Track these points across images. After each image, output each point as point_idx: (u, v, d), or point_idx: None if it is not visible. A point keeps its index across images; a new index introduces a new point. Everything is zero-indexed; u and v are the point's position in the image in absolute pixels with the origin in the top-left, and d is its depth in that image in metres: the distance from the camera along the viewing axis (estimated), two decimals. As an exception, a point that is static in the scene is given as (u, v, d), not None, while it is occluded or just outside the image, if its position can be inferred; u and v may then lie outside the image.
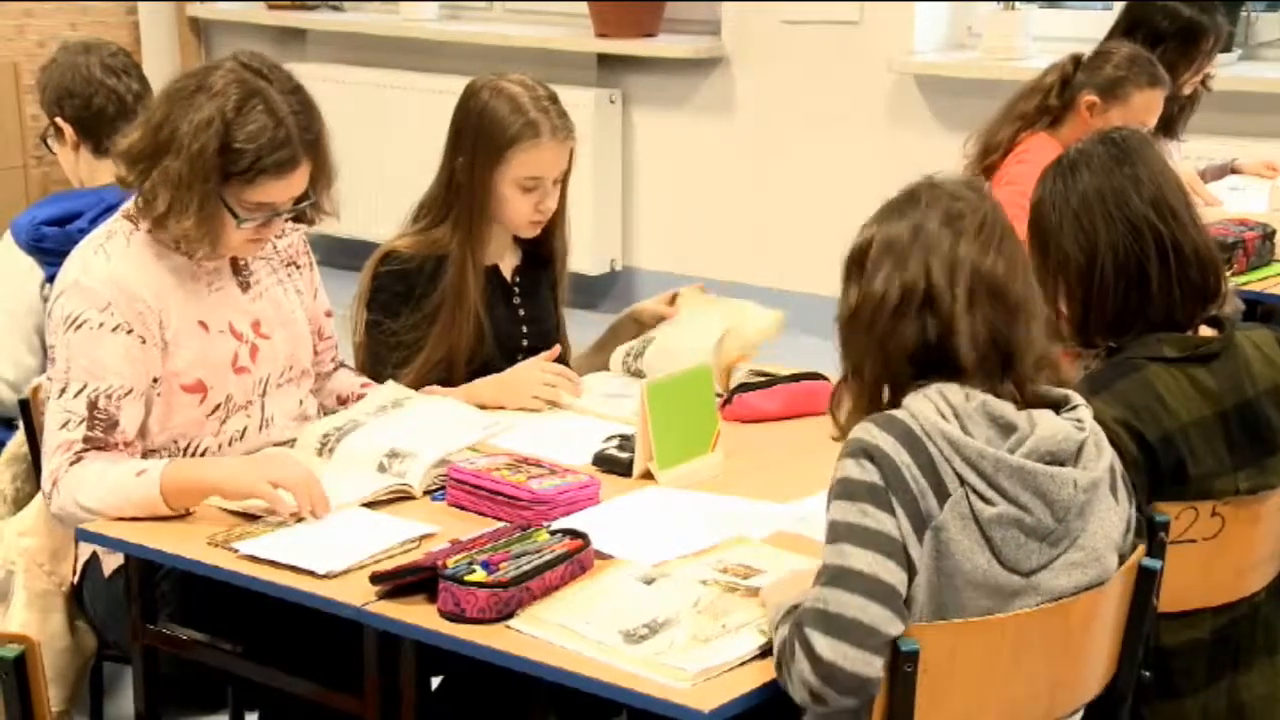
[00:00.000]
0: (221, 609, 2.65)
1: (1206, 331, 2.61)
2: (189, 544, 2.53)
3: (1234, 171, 5.03)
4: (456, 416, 2.92)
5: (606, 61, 6.71)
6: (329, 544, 2.47)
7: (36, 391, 2.99)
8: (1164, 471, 2.49)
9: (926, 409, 2.12)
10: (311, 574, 2.40)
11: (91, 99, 3.47)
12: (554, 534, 2.43)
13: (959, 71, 5.99)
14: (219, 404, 2.84)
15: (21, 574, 2.97)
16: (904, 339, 2.16)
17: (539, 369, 3.19)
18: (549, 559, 2.33)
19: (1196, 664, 2.56)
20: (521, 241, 3.38)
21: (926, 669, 2.06)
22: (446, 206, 3.25)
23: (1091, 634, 2.23)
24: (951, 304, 2.15)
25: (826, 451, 2.22)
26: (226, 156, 2.71)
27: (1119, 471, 2.26)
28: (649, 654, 2.15)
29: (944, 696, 2.09)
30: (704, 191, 6.61)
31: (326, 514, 2.58)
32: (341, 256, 5.80)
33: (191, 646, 2.67)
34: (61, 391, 2.73)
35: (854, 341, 2.22)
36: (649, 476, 2.79)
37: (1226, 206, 4.58)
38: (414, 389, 3.04)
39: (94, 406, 2.70)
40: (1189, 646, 2.56)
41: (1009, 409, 2.16)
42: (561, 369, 3.22)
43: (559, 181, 3.27)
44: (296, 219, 2.92)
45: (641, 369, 3.28)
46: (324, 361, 3.12)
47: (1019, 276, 2.20)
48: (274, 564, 2.43)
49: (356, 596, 2.34)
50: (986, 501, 2.10)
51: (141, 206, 2.79)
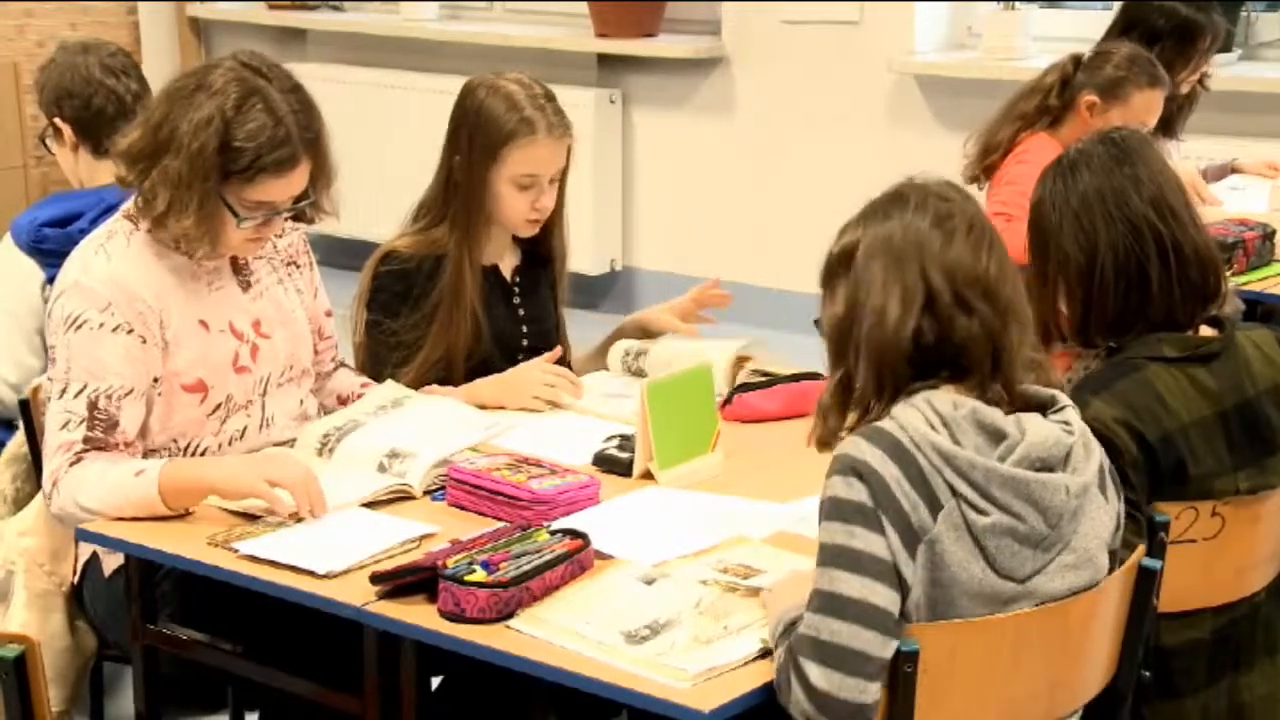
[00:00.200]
0: (221, 609, 2.64)
1: (1207, 331, 2.61)
2: (189, 544, 2.53)
3: (1234, 171, 5.02)
4: (457, 416, 2.92)
5: (606, 61, 6.71)
6: (329, 544, 2.47)
7: (37, 392, 2.99)
8: (1164, 471, 2.48)
9: (915, 419, 2.10)
10: (311, 574, 2.40)
11: (90, 99, 3.47)
12: (554, 534, 2.43)
13: (959, 71, 5.98)
14: (219, 404, 2.84)
15: (22, 574, 2.97)
16: (902, 342, 2.14)
17: (540, 369, 3.19)
18: (549, 559, 2.33)
19: (1197, 664, 2.56)
20: (521, 241, 3.38)
21: (926, 669, 2.06)
22: (445, 206, 3.25)
23: (1091, 634, 2.23)
24: (950, 305, 2.14)
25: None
26: (226, 155, 2.71)
27: (1107, 468, 2.25)
28: (650, 654, 2.14)
29: (944, 696, 2.09)
30: (704, 191, 6.61)
31: (324, 514, 2.58)
32: (341, 256, 5.80)
33: (191, 646, 2.67)
34: (62, 392, 2.73)
35: (846, 347, 2.18)
36: (649, 476, 2.79)
37: (1226, 206, 4.58)
38: (414, 388, 3.04)
39: (94, 407, 2.70)
40: (1189, 646, 2.55)
41: (998, 415, 2.14)
42: (562, 370, 3.22)
43: (556, 180, 3.27)
44: (296, 218, 2.93)
45: (643, 368, 3.28)
46: (324, 361, 3.12)
47: (1008, 278, 2.19)
48: (274, 564, 2.43)
49: (356, 596, 2.34)
50: (979, 511, 2.09)
51: (141, 206, 2.79)
